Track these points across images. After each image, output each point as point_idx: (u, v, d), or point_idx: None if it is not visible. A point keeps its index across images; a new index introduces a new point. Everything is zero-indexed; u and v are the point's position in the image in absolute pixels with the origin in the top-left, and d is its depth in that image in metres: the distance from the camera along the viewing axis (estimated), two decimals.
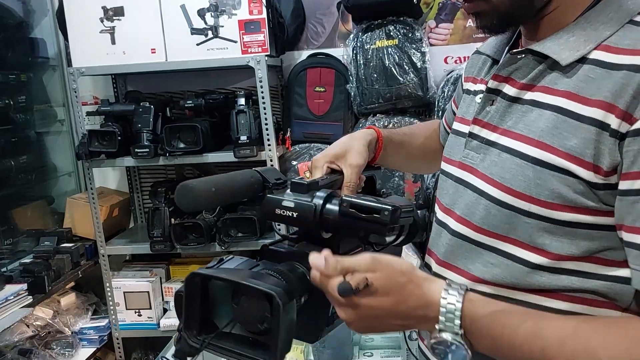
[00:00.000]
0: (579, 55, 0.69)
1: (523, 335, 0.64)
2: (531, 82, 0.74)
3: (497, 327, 0.65)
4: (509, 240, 0.74)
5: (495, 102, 0.79)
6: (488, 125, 0.79)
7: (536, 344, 0.63)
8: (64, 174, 2.94)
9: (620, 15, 0.69)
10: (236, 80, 2.68)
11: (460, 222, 0.80)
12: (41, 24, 2.79)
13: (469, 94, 0.91)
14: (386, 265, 0.66)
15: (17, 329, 2.37)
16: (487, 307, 0.66)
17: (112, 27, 2.32)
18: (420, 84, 2.35)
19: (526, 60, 0.76)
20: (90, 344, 2.58)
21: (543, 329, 0.64)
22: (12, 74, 2.59)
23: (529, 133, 0.72)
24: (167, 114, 2.50)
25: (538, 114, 0.72)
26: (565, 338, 0.63)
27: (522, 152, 0.72)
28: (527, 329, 0.64)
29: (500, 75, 0.79)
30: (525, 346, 0.64)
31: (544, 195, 0.69)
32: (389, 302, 0.66)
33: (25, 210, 2.69)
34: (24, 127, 2.68)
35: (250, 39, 2.26)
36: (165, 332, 2.55)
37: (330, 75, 2.52)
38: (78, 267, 2.51)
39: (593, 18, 0.70)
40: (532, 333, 0.64)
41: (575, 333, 0.64)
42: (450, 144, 0.90)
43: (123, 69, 2.42)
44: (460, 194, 0.82)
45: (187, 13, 2.28)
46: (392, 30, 2.36)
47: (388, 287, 0.66)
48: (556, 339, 0.63)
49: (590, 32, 0.70)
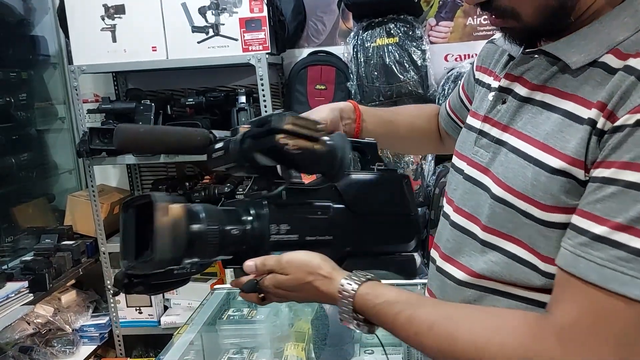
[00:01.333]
0: (589, 59, 0.69)
1: (400, 323, 0.72)
2: (543, 83, 0.74)
3: (381, 317, 0.73)
4: (513, 240, 0.74)
5: (507, 101, 0.79)
6: (498, 124, 0.79)
7: (411, 329, 0.71)
8: (65, 172, 2.94)
9: (636, 20, 0.68)
10: (237, 78, 2.68)
11: (470, 219, 0.81)
12: (42, 21, 2.79)
13: (482, 85, 0.91)
14: (298, 264, 0.78)
15: (18, 327, 2.38)
16: (376, 299, 0.73)
17: (113, 25, 2.33)
18: (420, 82, 2.35)
19: (539, 61, 0.75)
20: (91, 342, 2.59)
21: (418, 316, 0.71)
22: (13, 71, 2.59)
23: (536, 135, 0.72)
24: (168, 111, 2.50)
25: (547, 116, 0.72)
26: (434, 322, 0.70)
27: (526, 153, 0.72)
28: (403, 317, 0.72)
29: (513, 74, 0.79)
30: (403, 332, 0.72)
31: (539, 197, 0.69)
32: (297, 297, 0.80)
33: (26, 207, 2.69)
34: (25, 124, 2.69)
35: (251, 37, 2.27)
36: (165, 329, 2.55)
37: (331, 73, 2.52)
38: (79, 264, 2.51)
39: (608, 22, 0.69)
40: (407, 320, 0.71)
41: (445, 318, 0.70)
42: (462, 138, 0.90)
43: (124, 67, 2.42)
44: (470, 192, 0.82)
45: (188, 11, 2.28)
46: (393, 28, 2.36)
47: (295, 281, 0.77)
48: (426, 324, 0.70)
49: (603, 36, 0.69)
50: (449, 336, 0.68)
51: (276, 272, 0.78)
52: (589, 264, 0.62)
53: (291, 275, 0.77)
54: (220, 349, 1.67)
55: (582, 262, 0.62)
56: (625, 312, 0.60)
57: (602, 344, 0.61)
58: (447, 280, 0.84)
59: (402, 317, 0.72)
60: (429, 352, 0.71)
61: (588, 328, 0.62)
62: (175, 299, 2.63)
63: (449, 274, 0.84)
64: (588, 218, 0.63)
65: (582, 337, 0.62)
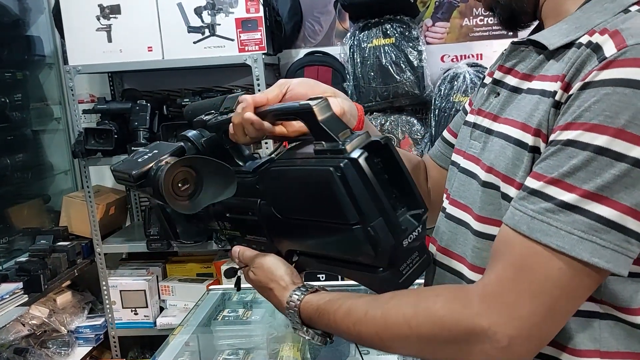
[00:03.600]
0: (566, 40, 0.71)
1: (340, 316, 0.73)
2: (531, 72, 0.76)
3: (324, 316, 0.75)
4: (498, 223, 0.74)
5: (500, 94, 0.81)
6: (489, 115, 0.81)
7: (349, 319, 0.73)
8: (60, 172, 2.93)
9: (615, 5, 0.71)
10: (233, 79, 2.68)
11: (465, 210, 0.81)
12: (37, 21, 2.78)
13: (483, 87, 0.92)
14: (264, 269, 0.83)
15: (13, 328, 2.37)
16: (317, 303, 0.76)
17: (108, 25, 2.32)
18: (417, 83, 2.35)
19: (528, 52, 0.78)
20: (87, 343, 2.58)
21: (355, 306, 0.73)
22: (8, 71, 2.58)
23: (517, 117, 0.74)
24: (164, 112, 2.49)
25: (529, 99, 0.74)
26: (369, 308, 0.72)
27: (507, 134, 0.74)
28: (342, 310, 0.73)
29: (505, 66, 0.81)
30: (343, 325, 0.73)
31: (520, 177, 0.70)
32: (263, 296, 0.86)
33: (21, 208, 2.68)
34: (20, 125, 2.68)
35: (247, 37, 2.26)
36: (161, 330, 2.54)
37: (328, 73, 2.52)
38: (74, 265, 2.50)
39: (589, 8, 0.73)
40: (346, 312, 0.73)
41: (378, 302, 0.72)
42: (461, 136, 0.91)
43: (120, 67, 2.42)
44: (464, 184, 0.83)
45: (184, 11, 2.28)
46: (389, 29, 2.36)
47: (261, 283, 0.84)
48: (362, 311, 0.72)
49: (583, 21, 0.72)
50: (381, 317, 0.70)
51: (250, 268, 0.86)
52: (522, 216, 0.64)
53: (258, 277, 0.84)
54: (216, 349, 1.66)
55: (517, 214, 0.65)
56: (547, 264, 0.62)
57: (520, 296, 0.62)
58: (447, 273, 0.83)
59: (342, 310, 0.74)
60: (368, 340, 0.73)
61: (508, 281, 0.63)
62: (171, 300, 2.62)
63: (448, 266, 0.83)
64: (532, 176, 0.66)
65: (501, 291, 0.63)
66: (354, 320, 0.72)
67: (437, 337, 0.66)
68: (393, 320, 0.69)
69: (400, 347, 0.72)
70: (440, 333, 0.66)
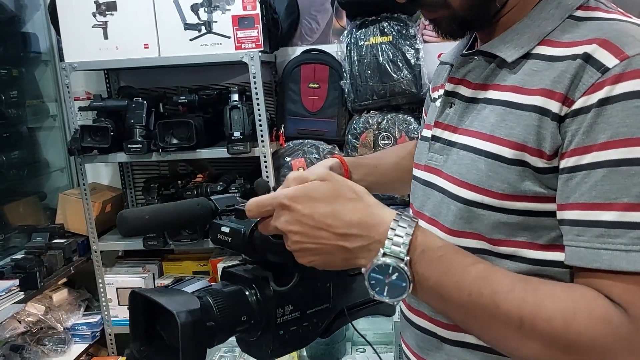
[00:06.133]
0: (523, 52, 0.73)
1: (474, 275, 0.63)
2: (484, 81, 0.77)
3: (446, 262, 0.63)
4: (469, 235, 0.75)
5: (454, 105, 0.82)
6: (449, 127, 0.81)
7: (487, 285, 0.62)
8: (56, 170, 2.92)
9: (560, 11, 0.73)
10: (230, 76, 2.68)
11: (431, 223, 0.82)
12: (33, 18, 2.77)
13: (434, 101, 0.94)
14: (339, 179, 0.65)
15: (9, 325, 2.36)
16: (441, 241, 0.65)
17: (104, 22, 2.31)
18: (414, 81, 2.35)
19: (478, 62, 0.79)
20: (83, 340, 2.57)
21: (496, 272, 0.64)
22: (4, 68, 2.57)
23: (482, 129, 0.74)
24: (160, 109, 2.49)
25: (490, 110, 0.75)
26: (515, 284, 0.63)
27: (476, 147, 0.74)
28: (480, 270, 0.64)
29: (456, 77, 0.82)
30: (475, 286, 0.62)
31: (496, 187, 0.71)
32: (329, 210, 0.62)
33: (17, 205, 2.68)
34: (16, 122, 2.67)
35: (243, 35, 2.26)
36: None
37: (325, 71, 2.52)
38: (70, 263, 2.50)
39: (535, 15, 0.74)
40: (483, 275, 0.63)
41: (525, 281, 0.64)
42: (418, 150, 0.92)
43: (116, 64, 2.41)
44: (428, 196, 0.83)
45: (181, 8, 2.27)
46: (386, 27, 2.36)
47: (332, 196, 0.63)
48: (507, 284, 0.63)
49: (533, 29, 0.73)
50: (534, 303, 0.61)
51: (281, 211, 0.65)
52: (614, 254, 0.61)
53: (329, 183, 0.64)
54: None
55: (604, 254, 0.61)
56: None
57: None
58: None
59: (476, 270, 0.63)
60: (502, 318, 0.62)
61: None
62: None
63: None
64: (591, 209, 0.63)
65: None
66: (493, 289, 0.62)
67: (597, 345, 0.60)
68: (548, 313, 0.61)
69: (539, 340, 0.62)
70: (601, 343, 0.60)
